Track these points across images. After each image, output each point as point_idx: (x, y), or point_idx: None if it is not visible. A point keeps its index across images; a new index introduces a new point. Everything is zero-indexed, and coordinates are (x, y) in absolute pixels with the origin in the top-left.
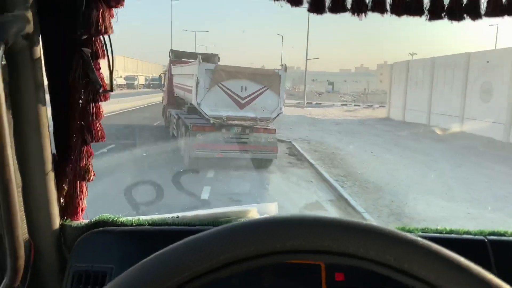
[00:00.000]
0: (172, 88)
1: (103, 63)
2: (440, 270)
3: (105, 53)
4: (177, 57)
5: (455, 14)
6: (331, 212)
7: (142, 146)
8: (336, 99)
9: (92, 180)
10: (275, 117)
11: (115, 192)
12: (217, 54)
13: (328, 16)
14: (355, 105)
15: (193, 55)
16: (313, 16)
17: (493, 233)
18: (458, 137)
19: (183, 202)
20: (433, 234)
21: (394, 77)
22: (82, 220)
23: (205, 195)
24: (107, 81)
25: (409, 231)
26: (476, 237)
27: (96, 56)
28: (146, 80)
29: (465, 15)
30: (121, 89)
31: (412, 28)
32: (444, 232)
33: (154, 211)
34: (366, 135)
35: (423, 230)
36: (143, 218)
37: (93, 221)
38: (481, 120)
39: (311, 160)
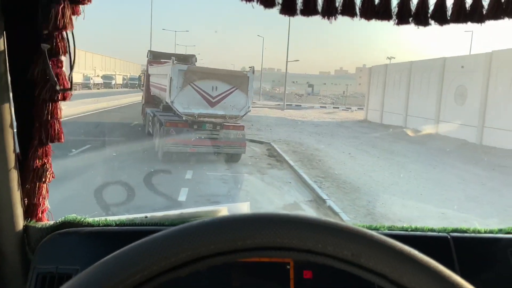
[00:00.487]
0: (150, 88)
1: (66, 61)
2: (395, 263)
3: (67, 50)
4: (155, 57)
5: (421, 19)
6: (309, 212)
7: (118, 145)
8: (316, 102)
9: (50, 181)
10: (243, 115)
11: (87, 192)
12: (194, 55)
13: (309, 19)
14: (334, 108)
15: (170, 56)
16: (294, 19)
17: (456, 230)
18: (433, 139)
19: (159, 203)
20: (398, 231)
21: (372, 80)
22: (48, 221)
23: (182, 197)
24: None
25: (376, 228)
26: (440, 234)
27: (56, 53)
28: (124, 79)
29: (431, 21)
30: (98, 88)
31: (391, 33)
32: (410, 229)
33: (124, 212)
34: (344, 137)
35: (390, 228)
36: (110, 218)
37: (59, 222)
38: (455, 123)
39: (290, 162)
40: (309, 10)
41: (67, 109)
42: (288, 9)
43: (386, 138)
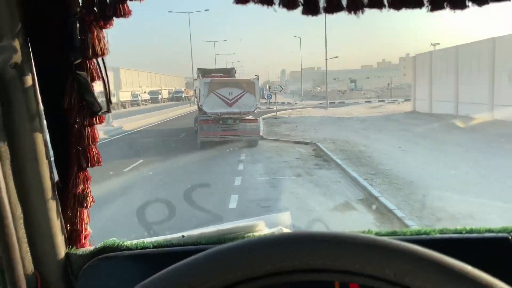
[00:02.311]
0: None
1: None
2: (443, 281)
3: (100, 75)
4: (204, 73)
5: (458, 2)
6: (362, 211)
7: (170, 161)
8: (360, 97)
9: (90, 206)
10: (253, 110)
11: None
12: (233, 68)
13: (343, 14)
14: (379, 101)
15: (217, 71)
16: (329, 15)
17: None
18: (490, 125)
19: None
20: (452, 234)
21: (417, 69)
22: (89, 247)
23: (233, 203)
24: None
25: (426, 233)
26: (499, 234)
27: (91, 79)
28: (169, 93)
29: (468, 2)
30: (146, 104)
31: (432, 18)
32: (464, 231)
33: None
34: (393, 130)
35: (441, 231)
36: (147, 240)
37: (99, 247)
38: None
39: (337, 160)
40: (332, 7)
41: (125, 125)
42: (310, 8)
43: (438, 128)
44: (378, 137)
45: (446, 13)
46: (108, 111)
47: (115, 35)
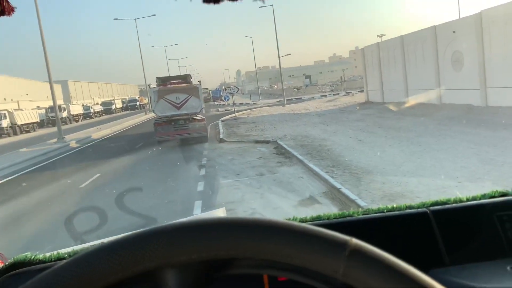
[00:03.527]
0: None
1: None
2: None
3: None
4: (163, 81)
5: None
6: (326, 203)
7: (127, 172)
8: (315, 92)
9: None
10: (199, 111)
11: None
12: (189, 74)
13: (292, 10)
14: (334, 94)
15: (174, 77)
16: (278, 14)
17: (436, 203)
18: (439, 109)
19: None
20: (374, 214)
21: (367, 61)
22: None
23: (197, 210)
24: None
25: (350, 215)
26: (419, 210)
27: None
28: (123, 102)
29: None
30: (100, 116)
31: (379, 10)
32: (386, 210)
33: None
34: (349, 121)
35: (364, 212)
36: (63, 251)
37: (8, 264)
38: (457, 89)
39: (299, 156)
40: None
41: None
42: None
43: (391, 116)
44: (335, 129)
45: (392, 5)
46: None
47: (62, 49)
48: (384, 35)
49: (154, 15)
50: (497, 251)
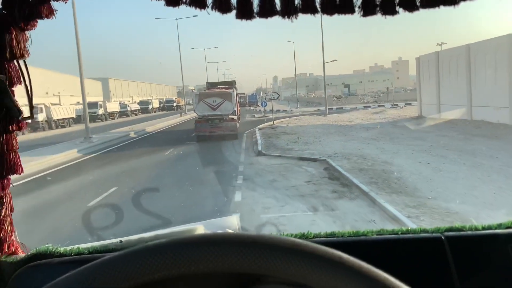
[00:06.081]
0: None
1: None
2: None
3: (21, 79)
4: (212, 85)
5: (388, 9)
6: None
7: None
8: (357, 102)
9: (12, 211)
10: (231, 113)
11: None
12: (234, 81)
13: (335, 18)
14: (379, 106)
15: (222, 83)
16: (324, 20)
17: (451, 229)
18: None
19: None
20: (389, 235)
21: (422, 71)
22: (21, 254)
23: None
24: (23, 107)
25: (364, 234)
26: (433, 234)
27: (11, 83)
28: (160, 103)
29: (399, 8)
30: (136, 115)
31: (420, 22)
32: (400, 232)
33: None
34: (406, 139)
35: (379, 232)
36: (83, 246)
37: (30, 254)
38: None
39: (361, 186)
40: (265, 11)
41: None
42: (244, 13)
43: (455, 136)
44: (393, 148)
45: (433, 19)
46: (31, 117)
47: (105, 47)
48: (445, 43)
49: (196, 16)
50: (509, 282)
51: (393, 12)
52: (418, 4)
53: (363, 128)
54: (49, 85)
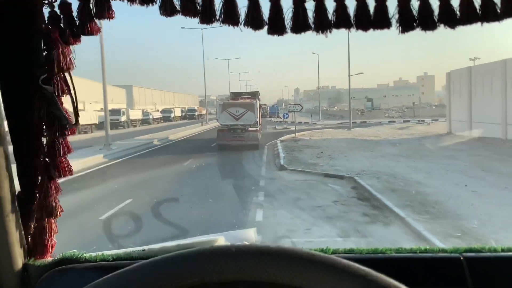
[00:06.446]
0: None
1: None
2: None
3: (65, 89)
4: (236, 95)
5: (427, 23)
6: None
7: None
8: (381, 116)
9: (59, 215)
10: (253, 123)
11: None
12: (258, 92)
13: (360, 32)
14: (404, 121)
15: (245, 93)
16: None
17: (470, 250)
18: None
19: None
20: (406, 254)
21: (453, 87)
22: (48, 258)
23: None
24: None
25: (382, 252)
26: (452, 254)
27: (58, 93)
28: (182, 111)
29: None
30: (158, 123)
31: (447, 37)
32: (419, 251)
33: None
34: (437, 158)
35: (397, 251)
36: (107, 253)
37: (57, 259)
38: None
39: (396, 210)
40: (298, 26)
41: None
42: (276, 29)
43: (490, 156)
44: (425, 167)
45: (464, 34)
46: (76, 123)
47: (130, 55)
48: (479, 58)
49: (221, 25)
50: None
51: (434, 28)
52: (459, 19)
53: (390, 143)
54: (76, 92)
